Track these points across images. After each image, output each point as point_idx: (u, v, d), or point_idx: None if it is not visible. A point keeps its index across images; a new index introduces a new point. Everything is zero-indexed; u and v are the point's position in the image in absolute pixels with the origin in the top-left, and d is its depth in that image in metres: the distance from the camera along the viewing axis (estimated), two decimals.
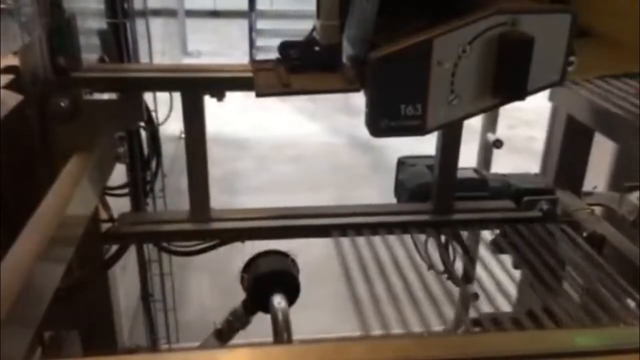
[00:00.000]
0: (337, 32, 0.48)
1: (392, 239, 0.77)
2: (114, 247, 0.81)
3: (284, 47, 0.51)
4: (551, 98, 0.73)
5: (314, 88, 0.48)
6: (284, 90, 0.47)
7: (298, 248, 0.85)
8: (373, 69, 0.40)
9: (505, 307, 0.35)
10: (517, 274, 0.61)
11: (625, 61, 0.56)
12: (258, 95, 0.48)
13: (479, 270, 0.64)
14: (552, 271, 0.37)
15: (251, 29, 3.60)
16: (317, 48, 0.50)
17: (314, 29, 0.51)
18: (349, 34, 0.50)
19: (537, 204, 0.67)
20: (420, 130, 0.42)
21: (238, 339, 0.89)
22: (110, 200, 0.85)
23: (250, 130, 2.87)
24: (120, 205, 0.89)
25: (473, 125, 0.79)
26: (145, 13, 1.55)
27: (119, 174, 0.91)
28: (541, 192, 0.71)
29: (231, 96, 0.76)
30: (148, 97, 0.85)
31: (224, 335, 0.95)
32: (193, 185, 0.79)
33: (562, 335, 0.31)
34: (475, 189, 0.81)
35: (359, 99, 0.43)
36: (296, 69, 0.50)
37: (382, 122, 0.41)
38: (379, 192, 1.92)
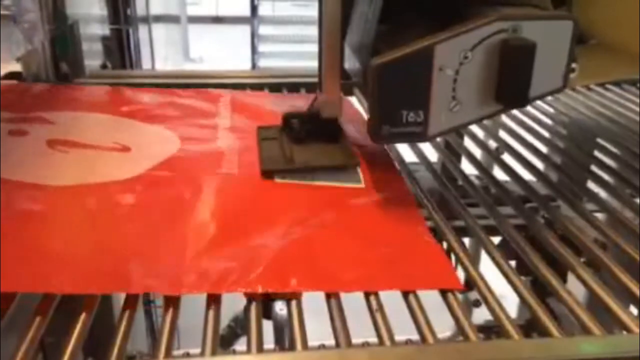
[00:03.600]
0: (338, 107, 0.51)
1: None
2: None
3: (288, 118, 0.54)
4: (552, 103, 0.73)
5: (315, 164, 0.50)
6: (288, 166, 0.50)
7: None
8: (374, 75, 0.40)
9: (507, 313, 0.35)
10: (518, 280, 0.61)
11: (625, 68, 0.56)
12: (264, 171, 0.50)
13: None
14: (555, 277, 0.37)
15: (253, 34, 3.61)
16: (319, 118, 0.52)
17: (315, 99, 0.53)
18: (351, 40, 0.50)
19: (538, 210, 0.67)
20: (422, 136, 0.42)
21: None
22: None
23: None
24: None
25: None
26: (148, 19, 1.55)
27: None
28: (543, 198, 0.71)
29: None
30: None
31: (225, 342, 0.95)
32: None
33: (564, 343, 0.31)
34: None
35: None
36: (299, 140, 0.53)
37: (384, 128, 0.41)
38: None
